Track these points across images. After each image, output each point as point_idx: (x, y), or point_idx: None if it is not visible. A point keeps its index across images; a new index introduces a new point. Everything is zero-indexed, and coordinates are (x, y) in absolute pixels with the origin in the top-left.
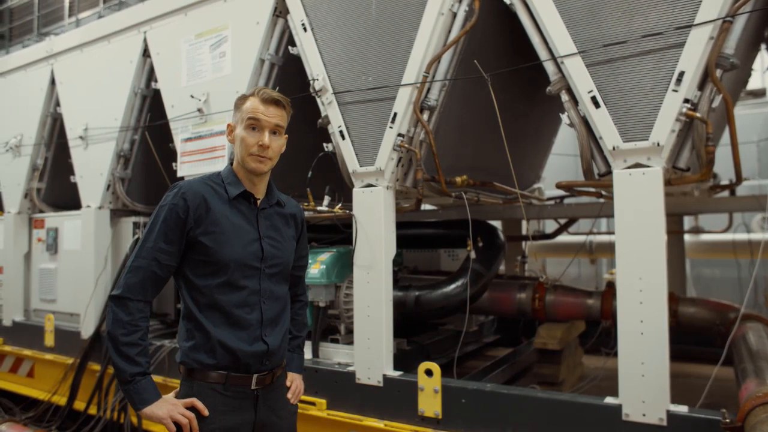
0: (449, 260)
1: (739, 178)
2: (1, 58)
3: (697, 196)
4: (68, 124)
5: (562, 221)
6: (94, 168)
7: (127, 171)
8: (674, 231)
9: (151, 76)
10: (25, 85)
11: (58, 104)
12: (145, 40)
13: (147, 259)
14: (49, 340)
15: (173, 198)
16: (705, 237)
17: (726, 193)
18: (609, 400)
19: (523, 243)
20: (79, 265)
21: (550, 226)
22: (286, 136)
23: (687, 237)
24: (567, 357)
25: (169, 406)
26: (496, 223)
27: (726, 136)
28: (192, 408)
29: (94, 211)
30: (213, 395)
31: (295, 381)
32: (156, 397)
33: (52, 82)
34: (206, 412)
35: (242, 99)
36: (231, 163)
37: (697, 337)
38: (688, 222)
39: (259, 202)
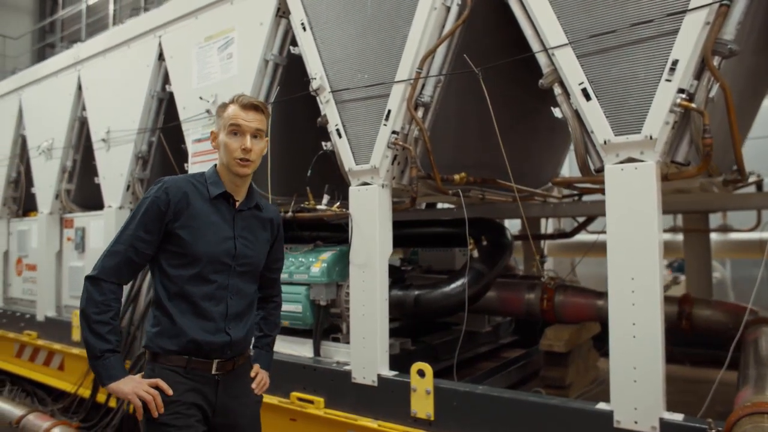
0: (464, 259)
1: (743, 174)
2: (35, 66)
3: (717, 192)
4: (93, 128)
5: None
6: (115, 169)
7: (145, 172)
8: (699, 229)
9: (166, 79)
10: (56, 91)
11: (84, 108)
12: (160, 44)
13: (125, 245)
14: (76, 334)
15: (156, 191)
16: (733, 236)
17: (753, 189)
18: (601, 405)
19: (542, 242)
20: None
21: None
22: (267, 138)
23: (714, 236)
24: (576, 360)
25: (134, 384)
26: (516, 222)
27: (757, 130)
28: (156, 388)
29: (115, 211)
30: (174, 377)
31: (260, 373)
32: (123, 374)
33: (79, 87)
34: (170, 392)
35: (223, 107)
36: (213, 166)
37: (721, 340)
38: (716, 220)
39: (238, 203)
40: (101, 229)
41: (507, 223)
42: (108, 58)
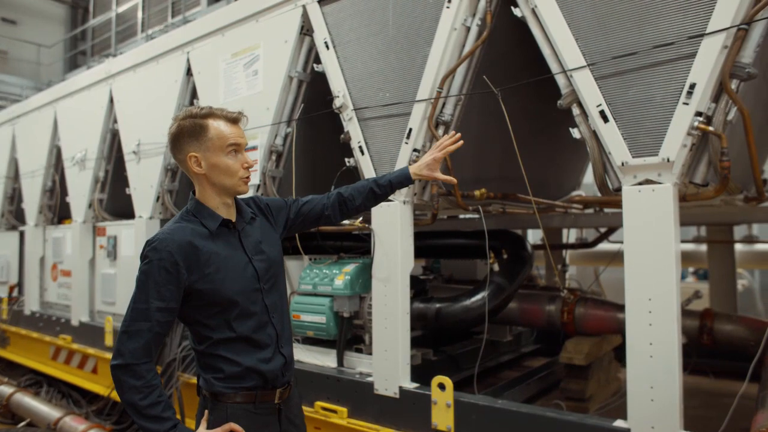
0: (486, 268)
1: (761, 194)
2: (69, 80)
3: (741, 205)
4: (124, 140)
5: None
6: (145, 181)
7: (174, 183)
8: (723, 240)
9: (194, 94)
10: (89, 104)
11: (115, 121)
12: (188, 60)
13: (147, 322)
14: (108, 340)
15: (157, 253)
16: (759, 247)
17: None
18: (618, 423)
19: (564, 251)
20: (134, 271)
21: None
22: None
23: (739, 246)
24: (597, 372)
25: None
26: (539, 231)
27: None
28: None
29: (145, 221)
30: (246, 415)
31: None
32: None
33: (111, 100)
34: None
35: (200, 126)
36: (193, 197)
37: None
38: (741, 230)
39: (235, 224)
40: (132, 237)
41: (529, 232)
42: (138, 73)
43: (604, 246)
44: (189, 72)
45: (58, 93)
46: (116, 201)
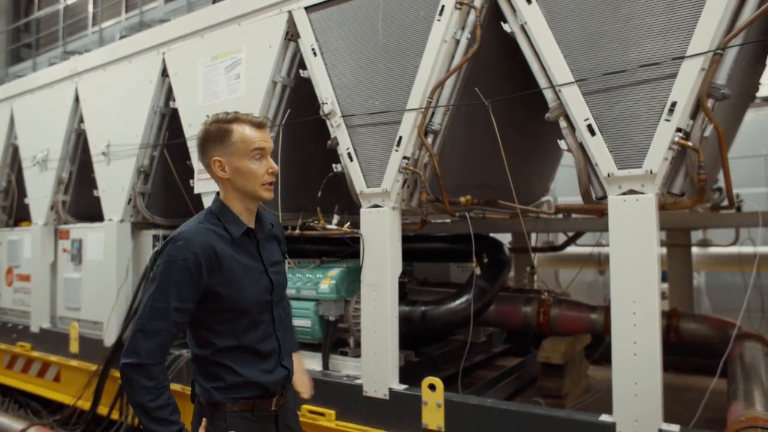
0: (459, 272)
1: (731, 202)
2: (29, 75)
3: (701, 212)
4: (91, 141)
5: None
6: (115, 183)
7: (147, 186)
8: (682, 244)
9: (169, 95)
10: (52, 102)
11: (81, 121)
12: (163, 60)
13: (165, 322)
14: (74, 347)
15: (182, 253)
16: (713, 250)
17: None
18: (604, 417)
19: (532, 254)
20: (102, 276)
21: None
22: None
23: (695, 250)
24: (571, 370)
25: None
26: (506, 236)
27: (737, 149)
28: None
29: (116, 224)
30: (245, 423)
31: (301, 376)
32: None
33: (77, 99)
34: None
35: (225, 131)
36: (218, 199)
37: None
38: (697, 234)
39: (256, 233)
40: (100, 241)
41: (493, 235)
42: (108, 72)
43: (570, 249)
44: (164, 73)
45: (16, 89)
46: (79, 203)
